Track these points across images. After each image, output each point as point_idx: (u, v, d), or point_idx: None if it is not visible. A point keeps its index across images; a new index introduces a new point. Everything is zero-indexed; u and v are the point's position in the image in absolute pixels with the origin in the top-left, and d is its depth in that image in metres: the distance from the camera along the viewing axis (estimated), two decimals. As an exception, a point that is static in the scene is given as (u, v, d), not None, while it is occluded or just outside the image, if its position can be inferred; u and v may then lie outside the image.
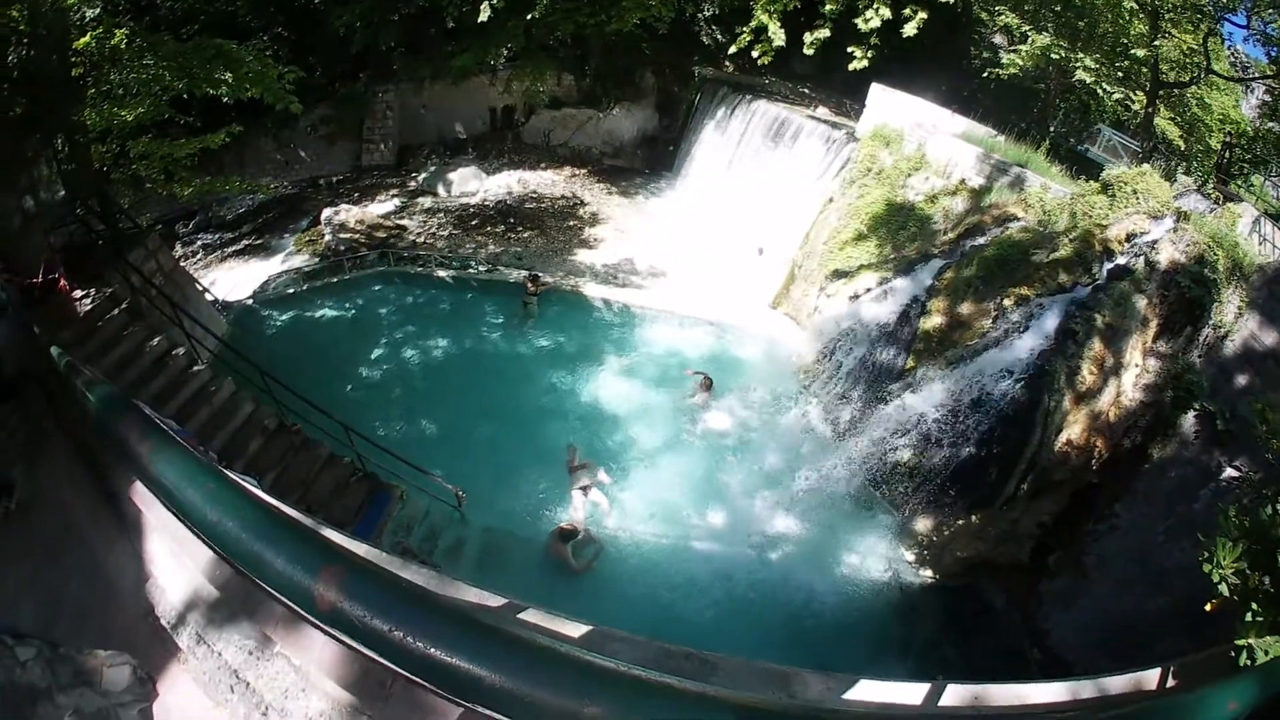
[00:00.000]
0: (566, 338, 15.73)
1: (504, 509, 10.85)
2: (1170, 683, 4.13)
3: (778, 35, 17.24)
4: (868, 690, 4.00)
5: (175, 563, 5.10)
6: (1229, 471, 9.16)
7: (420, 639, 2.21)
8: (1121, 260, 10.61)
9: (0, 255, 10.46)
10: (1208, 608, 4.13)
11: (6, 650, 1.65)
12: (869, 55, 17.02)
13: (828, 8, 17.15)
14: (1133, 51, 16.79)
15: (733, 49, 18.71)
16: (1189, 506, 9.30)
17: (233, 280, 18.75)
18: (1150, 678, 4.19)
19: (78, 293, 10.12)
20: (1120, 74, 18.82)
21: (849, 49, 17.38)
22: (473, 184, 23.71)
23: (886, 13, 16.33)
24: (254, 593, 4.36)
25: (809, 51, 17.45)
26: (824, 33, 17.26)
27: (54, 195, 13.32)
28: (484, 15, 16.91)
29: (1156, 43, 16.77)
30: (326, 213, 19.86)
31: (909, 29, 16.75)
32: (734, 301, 16.95)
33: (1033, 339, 10.63)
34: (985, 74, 20.63)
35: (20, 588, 5.98)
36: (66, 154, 11.05)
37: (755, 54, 17.97)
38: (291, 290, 17.28)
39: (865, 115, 16.71)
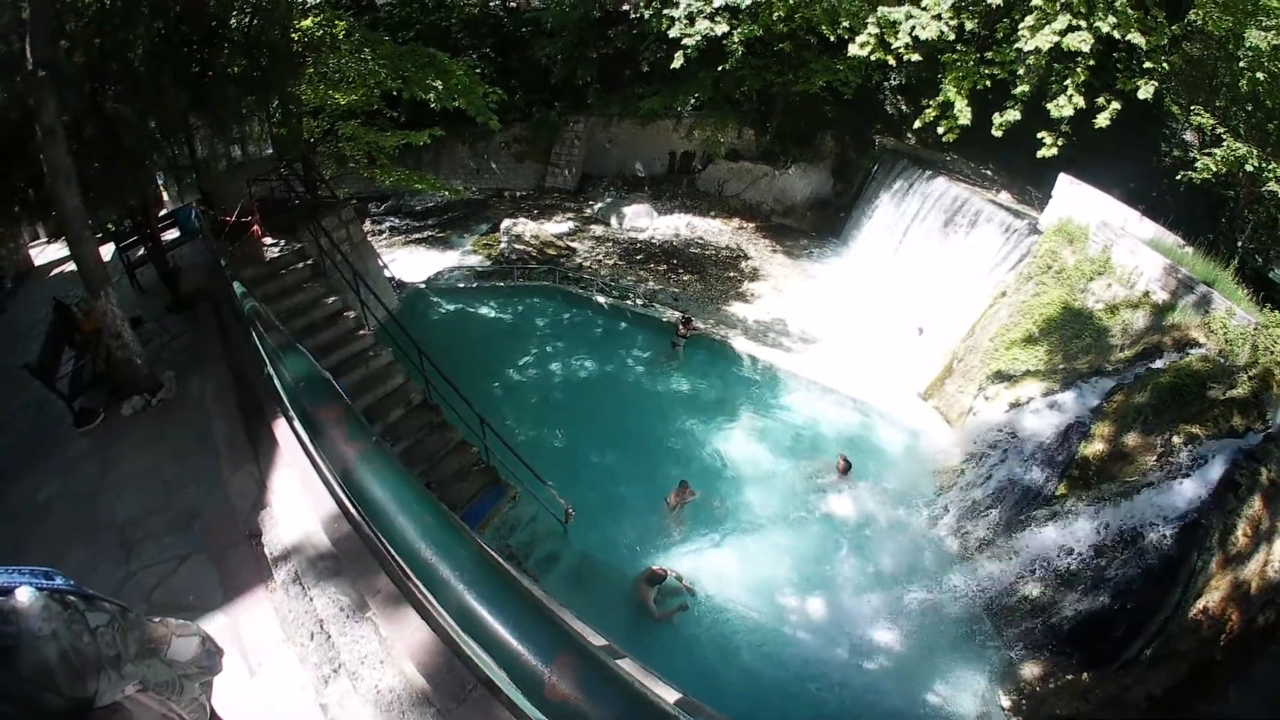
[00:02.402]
0: (707, 385, 15.37)
1: (605, 537, 10.66)
2: None
3: (964, 114, 16.40)
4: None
5: (297, 501, 5.15)
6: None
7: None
8: (1297, 407, 9.22)
9: (202, 190, 11.89)
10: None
11: (76, 615, 1.41)
12: (1058, 143, 15.87)
13: (1019, 89, 16.17)
14: None
15: (917, 123, 17.93)
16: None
17: (410, 263, 20.29)
18: None
19: (268, 240, 11.10)
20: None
21: (1038, 135, 16.31)
22: (643, 221, 24.14)
23: (1080, 101, 15.15)
24: (365, 557, 4.30)
25: (997, 134, 16.52)
26: (1014, 115, 16.26)
27: (261, 151, 14.83)
28: (677, 63, 17.39)
29: None
30: (506, 223, 21.27)
31: (1101, 119, 15.42)
32: (883, 384, 15.80)
33: (1194, 486, 9.29)
34: (1178, 176, 18.71)
35: (134, 474, 6.40)
36: (279, 119, 12.15)
37: (940, 130, 17.18)
38: (461, 285, 18.56)
39: (1050, 207, 15.35)
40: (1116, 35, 14.15)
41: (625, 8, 24.22)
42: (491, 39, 26.18)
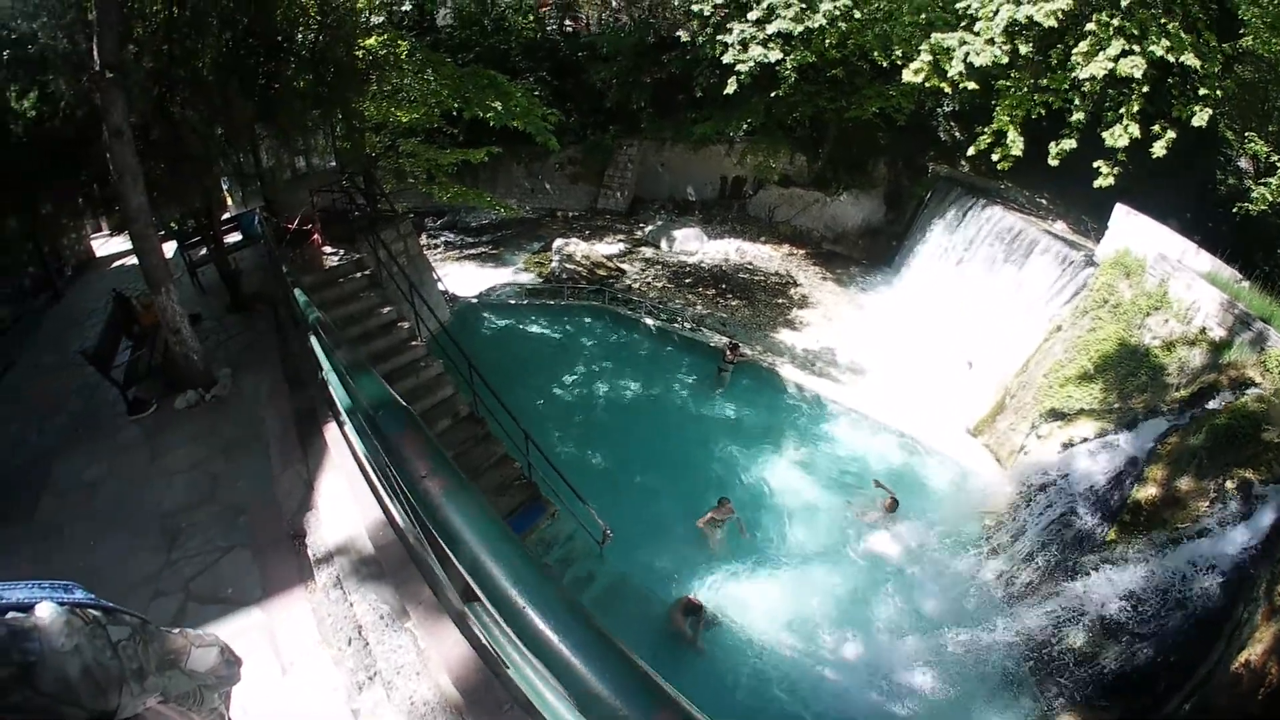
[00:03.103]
0: (752, 413, 15.16)
1: (642, 561, 10.56)
2: None
3: (1016, 144, 16.08)
4: None
5: (343, 506, 5.16)
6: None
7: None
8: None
9: (266, 198, 12.40)
10: None
11: (98, 629, 1.40)
12: (1115, 172, 15.40)
13: (1075, 118, 15.80)
14: None
15: (971, 150, 17.58)
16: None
17: (463, 278, 20.84)
18: None
19: (328, 249, 11.35)
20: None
21: (1094, 164, 15.88)
22: (693, 244, 24.19)
23: (1135, 130, 14.73)
24: (408, 566, 4.30)
25: (1053, 162, 16.15)
26: (1070, 143, 15.85)
27: (325, 164, 15.28)
28: (730, 89, 17.45)
29: None
30: (558, 243, 21.54)
31: (1157, 148, 14.95)
32: (932, 418, 15.39)
33: (1245, 533, 8.92)
34: (1234, 207, 17.92)
35: (182, 464, 6.53)
36: (343, 134, 12.49)
37: (994, 158, 16.87)
38: (512, 301, 18.97)
39: (1106, 238, 14.85)
40: (1170, 59, 13.84)
41: (679, 34, 24.52)
42: (548, 63, 26.76)
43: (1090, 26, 14.38)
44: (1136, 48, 13.94)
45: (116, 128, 6.48)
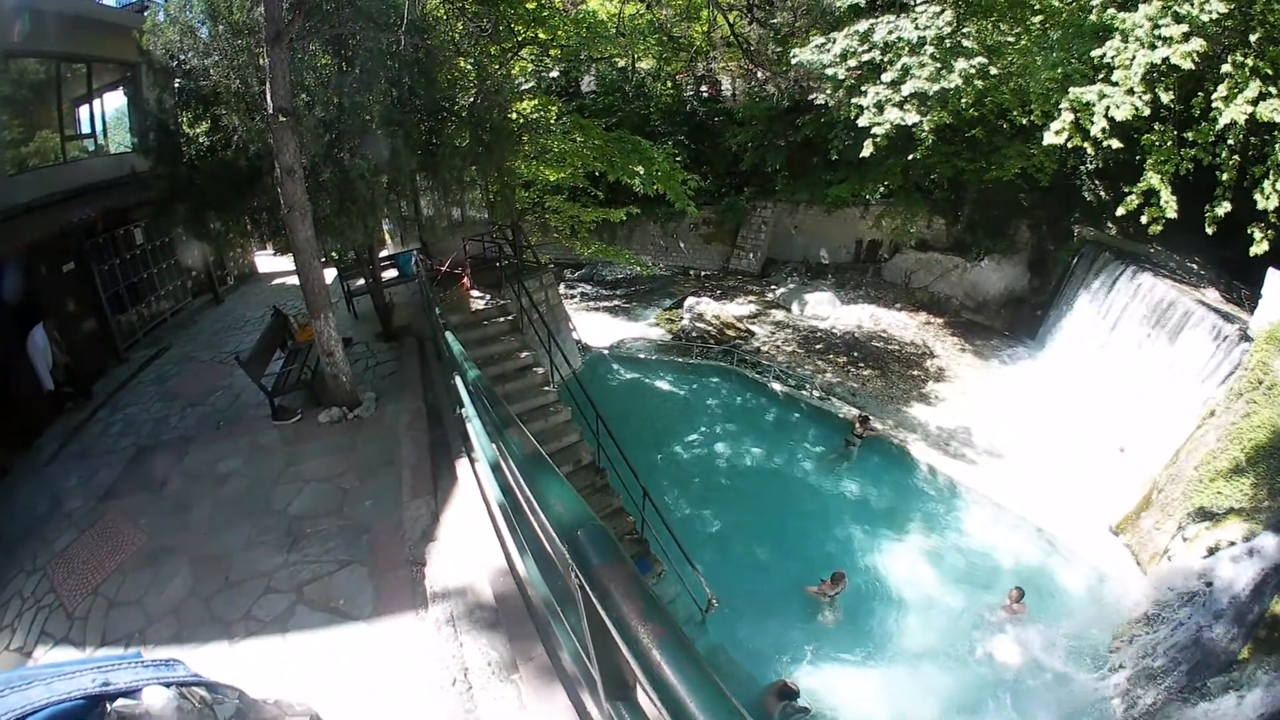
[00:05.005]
0: (878, 492, 14.39)
1: (743, 634, 10.19)
2: None
3: (1170, 205, 14.74)
4: None
5: (467, 545, 5.20)
6: None
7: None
8: None
9: (422, 241, 13.56)
10: None
11: (206, 710, 1.44)
12: (1269, 236, 13.78)
13: (1225, 177, 14.36)
14: None
15: (1120, 210, 16.12)
16: None
17: (596, 328, 21.40)
18: None
19: (475, 293, 12.15)
20: None
21: (1247, 229, 14.29)
22: (825, 309, 23.68)
23: None
24: (526, 621, 4.25)
25: (1210, 229, 14.66)
26: (1225, 206, 14.39)
27: (479, 214, 16.31)
28: (866, 151, 17.05)
29: None
30: (690, 301, 21.97)
31: None
32: (1073, 512, 13.94)
33: None
34: None
35: (316, 474, 6.85)
36: (496, 189, 13.29)
37: (1144, 220, 15.45)
38: (641, 355, 19.34)
39: (1260, 309, 13.24)
40: None
41: (814, 97, 24.51)
42: (685, 126, 27.51)
43: (1226, 68, 13.49)
44: (1273, 89, 12.79)
45: (289, 166, 7.07)
